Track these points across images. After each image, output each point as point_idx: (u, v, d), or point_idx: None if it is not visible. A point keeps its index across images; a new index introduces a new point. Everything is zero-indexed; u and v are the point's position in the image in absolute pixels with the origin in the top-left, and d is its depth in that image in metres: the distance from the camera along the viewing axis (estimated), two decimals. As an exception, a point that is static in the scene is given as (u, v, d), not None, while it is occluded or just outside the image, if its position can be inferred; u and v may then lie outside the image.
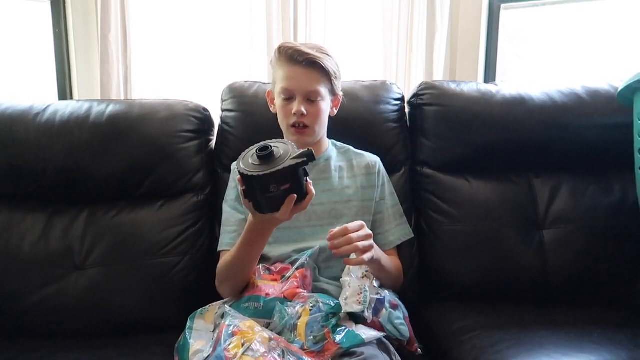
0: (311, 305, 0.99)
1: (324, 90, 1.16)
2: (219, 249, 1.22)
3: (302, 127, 1.17)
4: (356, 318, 1.01)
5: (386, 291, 1.09)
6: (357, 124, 1.39)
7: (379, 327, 1.02)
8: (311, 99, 1.15)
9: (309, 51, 1.13)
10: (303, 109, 1.13)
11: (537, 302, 1.26)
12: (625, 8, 1.91)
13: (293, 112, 1.14)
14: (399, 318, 1.06)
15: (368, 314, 1.00)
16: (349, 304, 0.99)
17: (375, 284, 1.07)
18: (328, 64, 1.15)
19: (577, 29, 2.02)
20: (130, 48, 2.06)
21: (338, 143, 1.33)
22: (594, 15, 1.99)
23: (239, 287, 1.11)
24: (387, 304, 1.05)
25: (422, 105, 1.42)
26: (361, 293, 1.01)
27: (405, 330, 1.05)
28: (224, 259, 1.14)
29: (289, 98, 1.16)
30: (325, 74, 1.15)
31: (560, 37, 2.05)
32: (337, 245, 0.97)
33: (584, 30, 2.01)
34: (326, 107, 1.19)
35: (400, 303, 1.11)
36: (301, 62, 1.12)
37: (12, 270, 1.24)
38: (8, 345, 1.15)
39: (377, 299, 1.04)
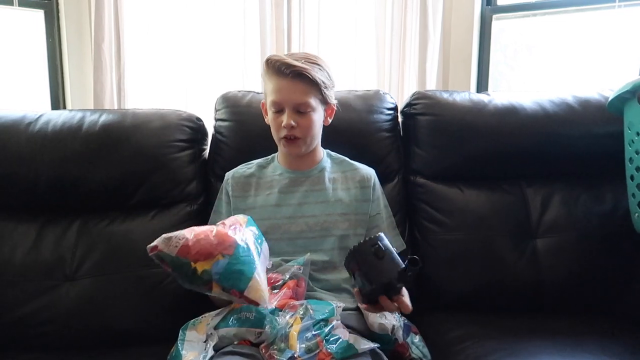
0: (301, 313, 0.98)
1: (313, 101, 1.14)
2: None
3: (293, 139, 1.16)
4: (384, 341, 1.04)
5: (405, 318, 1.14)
6: (351, 133, 1.40)
7: (406, 348, 1.09)
8: (301, 110, 1.13)
9: (296, 63, 1.10)
10: (292, 122, 1.12)
11: (530, 311, 1.26)
12: (615, 19, 1.93)
13: (283, 125, 1.13)
14: (421, 341, 1.14)
15: (400, 334, 1.07)
16: (389, 319, 1.05)
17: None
18: (316, 74, 1.12)
19: (568, 39, 2.04)
20: (124, 57, 2.07)
21: (333, 153, 1.32)
22: (585, 25, 2.01)
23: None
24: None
25: (415, 114, 1.43)
26: (393, 314, 1.08)
27: (427, 351, 1.13)
28: None
29: (279, 111, 1.14)
30: (314, 85, 1.13)
31: (552, 46, 2.08)
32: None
33: (575, 40, 2.03)
34: (318, 118, 1.18)
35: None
36: (288, 74, 1.10)
37: (3, 281, 1.22)
38: (-2, 357, 1.14)
39: (405, 323, 1.11)
